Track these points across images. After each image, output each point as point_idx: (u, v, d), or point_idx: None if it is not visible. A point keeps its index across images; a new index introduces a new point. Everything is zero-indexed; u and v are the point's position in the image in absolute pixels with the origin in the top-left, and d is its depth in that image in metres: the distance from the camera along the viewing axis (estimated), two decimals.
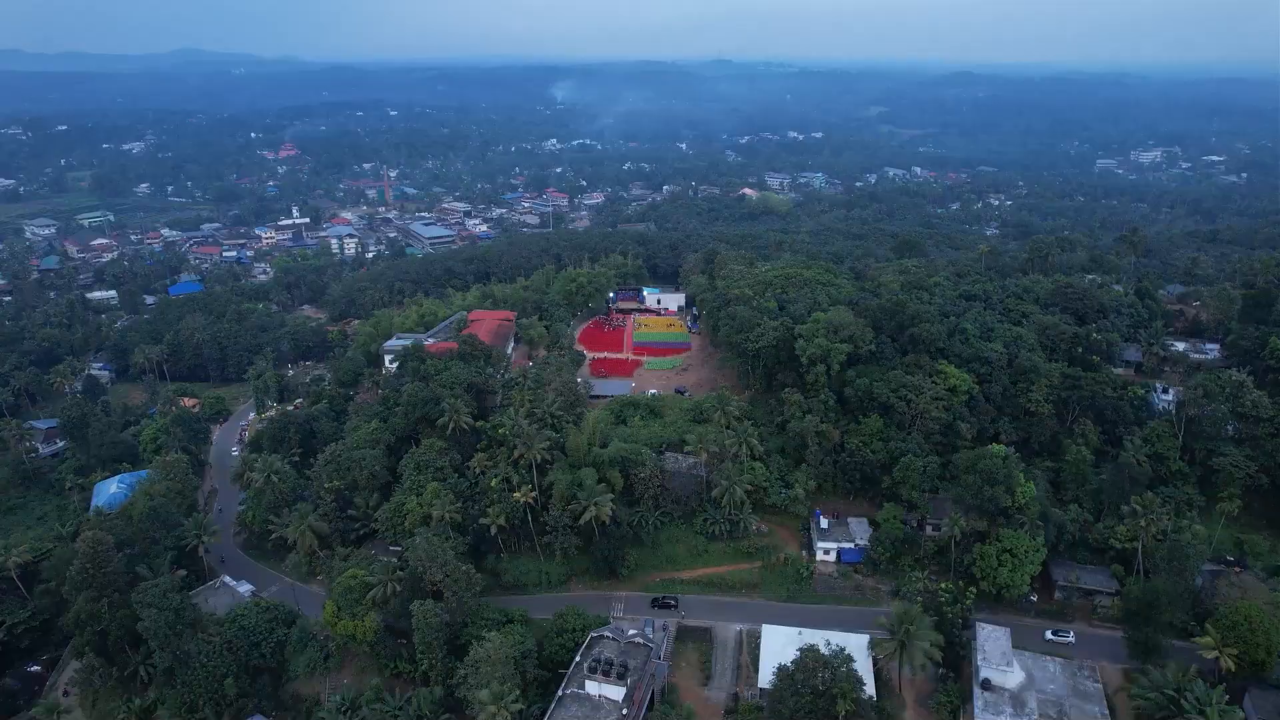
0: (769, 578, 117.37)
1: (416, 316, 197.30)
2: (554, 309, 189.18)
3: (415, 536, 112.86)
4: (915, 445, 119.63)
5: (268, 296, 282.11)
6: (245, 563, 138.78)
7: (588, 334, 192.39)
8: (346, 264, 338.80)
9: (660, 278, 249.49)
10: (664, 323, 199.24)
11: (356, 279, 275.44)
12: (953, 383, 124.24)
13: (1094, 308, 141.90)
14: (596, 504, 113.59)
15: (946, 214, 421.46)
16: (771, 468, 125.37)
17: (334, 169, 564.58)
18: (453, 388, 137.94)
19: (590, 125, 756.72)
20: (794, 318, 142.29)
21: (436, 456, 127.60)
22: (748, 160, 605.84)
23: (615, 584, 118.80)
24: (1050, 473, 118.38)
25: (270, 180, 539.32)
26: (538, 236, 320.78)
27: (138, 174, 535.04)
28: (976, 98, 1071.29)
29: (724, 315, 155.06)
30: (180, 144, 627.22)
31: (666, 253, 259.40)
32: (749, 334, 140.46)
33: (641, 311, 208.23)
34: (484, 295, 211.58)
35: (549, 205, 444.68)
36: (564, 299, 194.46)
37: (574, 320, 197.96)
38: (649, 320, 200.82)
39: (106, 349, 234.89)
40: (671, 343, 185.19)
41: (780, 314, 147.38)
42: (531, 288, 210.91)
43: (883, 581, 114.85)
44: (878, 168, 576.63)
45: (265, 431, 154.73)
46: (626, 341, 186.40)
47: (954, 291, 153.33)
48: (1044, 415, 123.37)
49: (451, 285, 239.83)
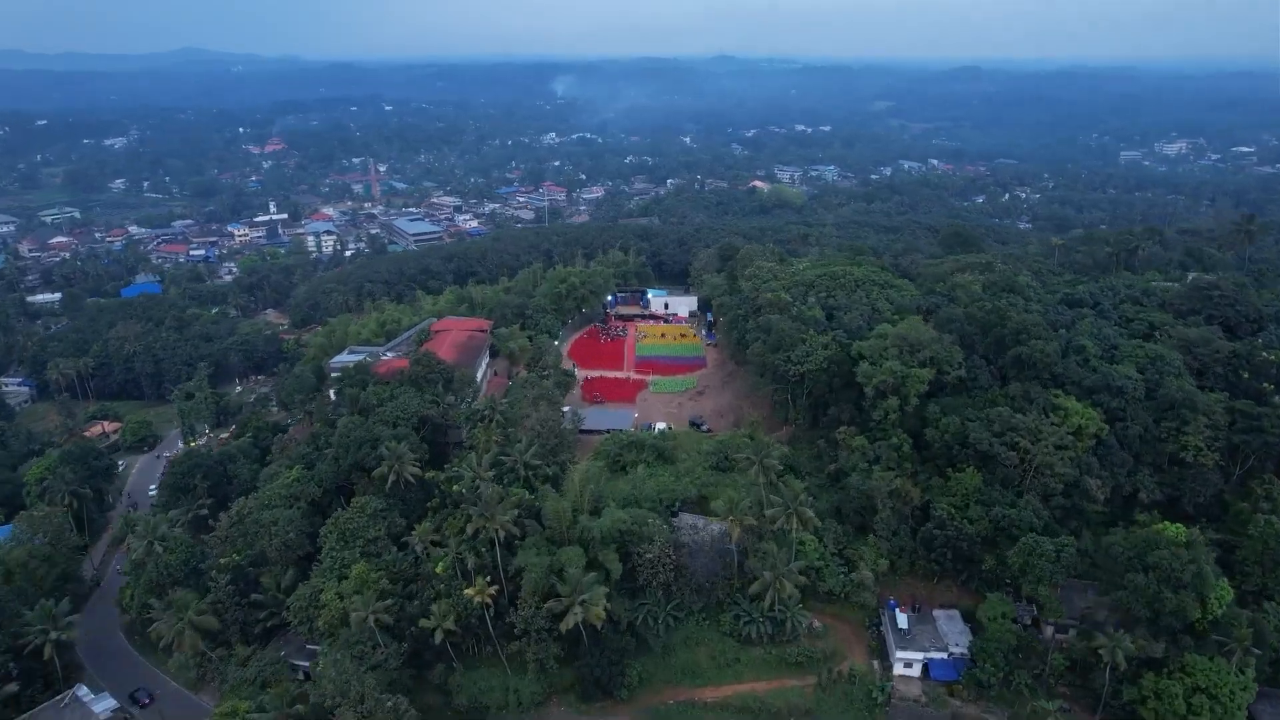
0: (826, 701, 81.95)
1: (376, 325, 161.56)
2: (539, 316, 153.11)
3: (322, 656, 77.43)
4: (1030, 512, 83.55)
5: (225, 300, 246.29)
6: (128, 656, 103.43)
7: (580, 346, 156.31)
8: (323, 263, 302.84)
9: (667, 278, 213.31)
10: (673, 332, 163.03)
11: (323, 280, 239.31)
12: (1077, 422, 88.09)
13: (1249, 316, 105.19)
14: (584, 603, 77.87)
15: (972, 207, 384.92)
16: (825, 539, 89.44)
17: (321, 164, 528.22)
18: (397, 424, 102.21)
19: (591, 119, 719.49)
20: (849, 331, 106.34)
21: (369, 523, 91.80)
22: (754, 154, 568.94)
23: (612, 706, 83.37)
24: (1217, 547, 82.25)
25: (253, 175, 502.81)
26: (528, 231, 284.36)
27: (114, 169, 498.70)
28: (984, 92, 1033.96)
29: (753, 327, 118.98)
30: (165, 139, 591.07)
31: (674, 249, 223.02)
32: (790, 353, 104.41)
33: (646, 318, 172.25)
34: (459, 299, 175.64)
35: (545, 199, 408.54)
36: (552, 303, 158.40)
37: (564, 329, 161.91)
38: (655, 329, 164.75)
39: (26, 361, 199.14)
40: (683, 358, 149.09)
41: (828, 325, 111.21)
42: (515, 290, 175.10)
43: (993, 710, 79.09)
44: (891, 160, 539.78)
45: (165, 478, 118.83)
46: (627, 356, 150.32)
47: (1051, 296, 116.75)
48: (1204, 467, 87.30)
49: (426, 287, 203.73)
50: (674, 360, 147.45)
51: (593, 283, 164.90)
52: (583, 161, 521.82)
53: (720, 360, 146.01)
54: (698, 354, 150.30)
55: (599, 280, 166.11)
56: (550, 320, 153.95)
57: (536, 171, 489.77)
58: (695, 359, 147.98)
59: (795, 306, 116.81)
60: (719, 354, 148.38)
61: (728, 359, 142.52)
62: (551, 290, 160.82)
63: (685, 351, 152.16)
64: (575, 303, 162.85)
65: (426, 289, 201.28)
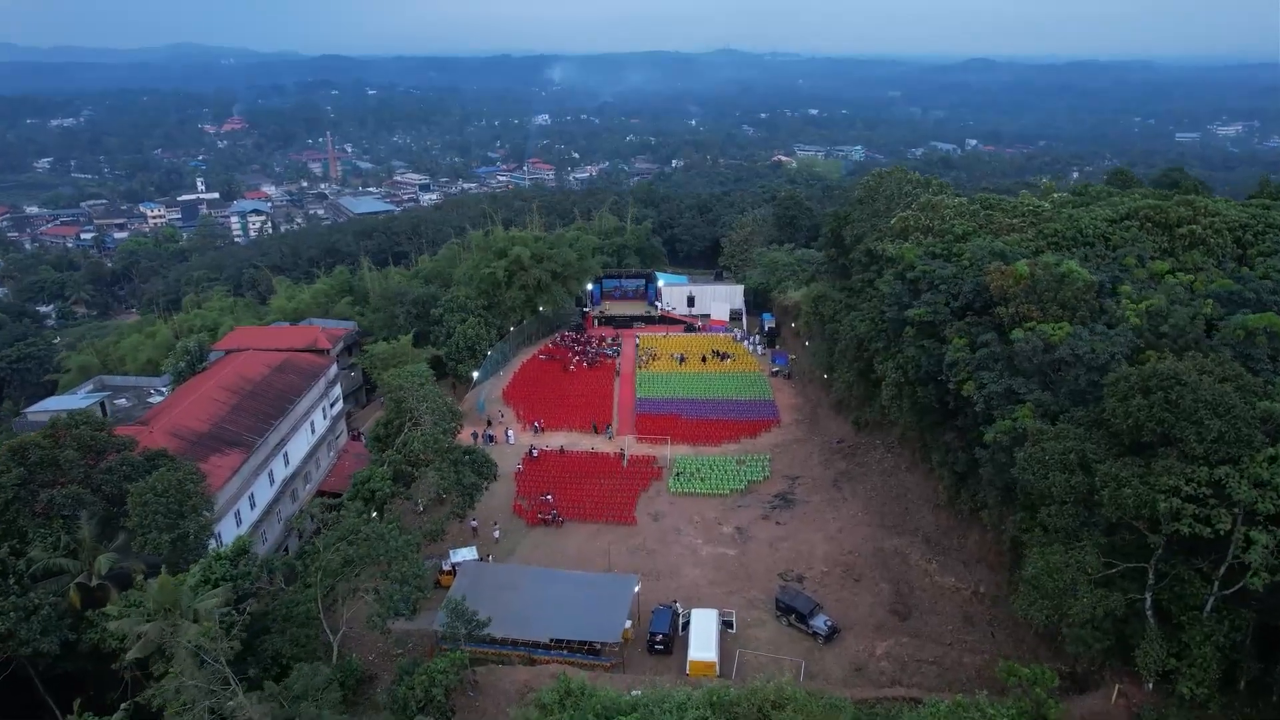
0: None
1: (166, 337, 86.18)
2: (455, 316, 78.12)
3: None
4: None
5: (63, 295, 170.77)
6: None
7: (530, 378, 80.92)
8: (242, 247, 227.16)
9: (684, 260, 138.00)
10: (700, 348, 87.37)
11: (189, 269, 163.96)
12: None
13: None
14: None
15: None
16: None
17: (281, 143, 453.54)
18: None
19: (589, 103, 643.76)
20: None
21: None
22: (769, 134, 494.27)
23: None
24: None
25: (200, 155, 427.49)
26: (483, 197, 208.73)
27: (41, 148, 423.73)
28: (1001, 82, 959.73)
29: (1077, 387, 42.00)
30: (116, 121, 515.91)
31: (692, 217, 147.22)
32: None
33: (654, 322, 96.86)
34: (341, 288, 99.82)
35: (528, 179, 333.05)
36: (482, 293, 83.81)
37: (508, 342, 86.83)
38: (670, 343, 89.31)
39: None
40: (736, 407, 73.57)
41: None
42: (432, 273, 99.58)
43: None
44: (922, 142, 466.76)
45: None
46: (619, 402, 75.04)
47: None
48: None
49: (318, 269, 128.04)
50: (717, 411, 71.98)
51: (560, 257, 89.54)
52: (577, 140, 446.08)
53: (807, 411, 70.74)
54: (762, 397, 74.70)
55: (568, 256, 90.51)
56: (478, 326, 78.65)
57: (522, 149, 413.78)
58: (759, 408, 72.47)
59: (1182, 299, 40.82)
60: (797, 393, 73.15)
61: (817, 403, 67.36)
62: (478, 272, 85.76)
63: (739, 391, 76.48)
64: (526, 294, 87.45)
65: (316, 272, 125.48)
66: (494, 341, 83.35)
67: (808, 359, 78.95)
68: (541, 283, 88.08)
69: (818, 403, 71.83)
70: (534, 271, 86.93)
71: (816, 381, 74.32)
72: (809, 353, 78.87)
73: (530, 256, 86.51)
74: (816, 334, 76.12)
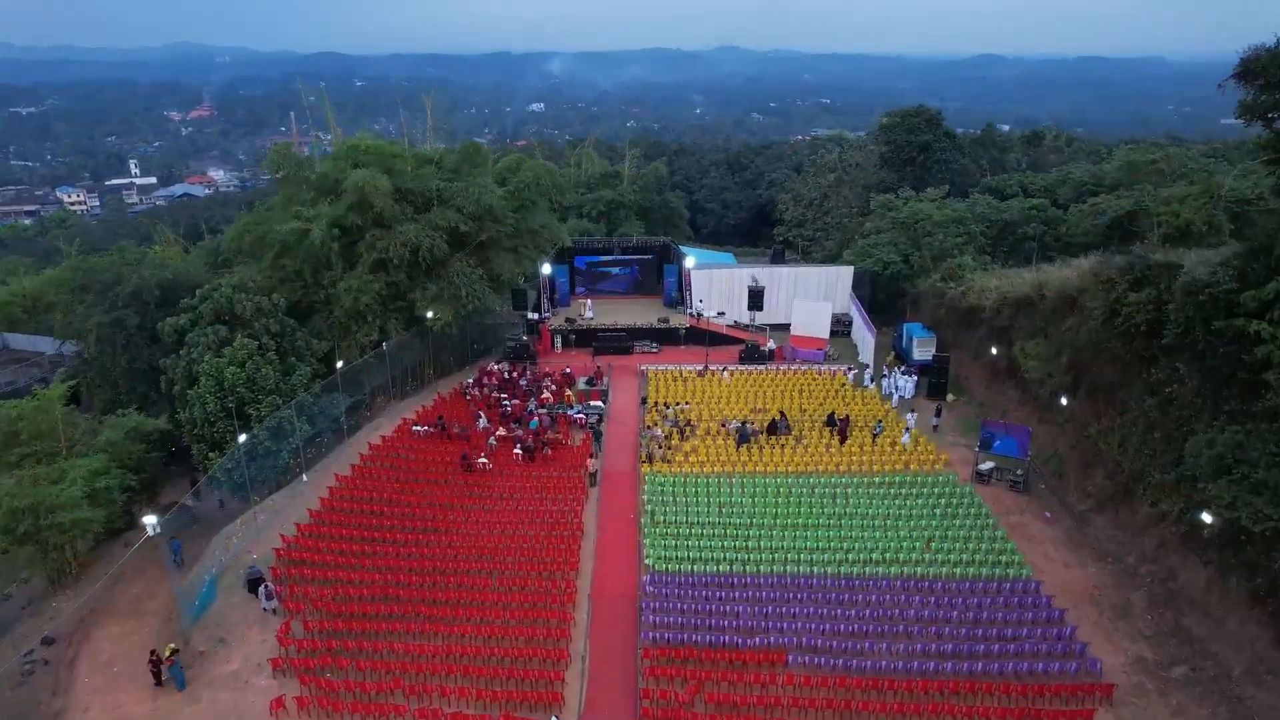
0: None
1: None
2: (206, 337, 28.51)
3: None
4: None
5: None
6: None
7: (373, 489, 31.90)
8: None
9: (709, 239, 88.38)
10: (796, 393, 37.71)
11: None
12: None
13: None
14: None
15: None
16: None
17: (250, 129, 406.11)
18: None
19: (588, 93, 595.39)
20: None
21: None
22: (781, 121, 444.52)
23: None
24: None
25: (157, 141, 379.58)
26: None
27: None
28: (1012, 76, 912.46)
29: None
30: (79, 108, 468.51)
31: (720, 177, 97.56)
32: None
33: (674, 339, 47.09)
34: (89, 274, 49.28)
35: None
36: (285, 280, 34.69)
37: (351, 386, 36.79)
38: (717, 392, 40.04)
39: None
40: (968, 640, 24.52)
41: None
42: (240, 245, 48.57)
43: None
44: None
45: None
46: (592, 591, 27.54)
47: None
48: None
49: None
50: (904, 648, 22.09)
51: (473, 197, 39.34)
52: (571, 125, 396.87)
53: (1162, 619, 20.20)
54: (1014, 575, 24.65)
55: (486, 196, 40.14)
56: (246, 360, 29.12)
57: (507, 132, 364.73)
58: (1027, 635, 22.45)
59: None
60: (1080, 543, 22.62)
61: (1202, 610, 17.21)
62: (272, 234, 36.88)
63: (948, 555, 26.71)
64: (389, 282, 37.41)
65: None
66: (298, 394, 34.11)
67: (1070, 439, 29.51)
68: (435, 252, 38.28)
69: (1169, 581, 22.32)
70: (409, 231, 37.03)
71: (1137, 506, 24.75)
72: (1079, 419, 29.25)
73: (399, 192, 37.02)
74: (1133, 377, 26.55)
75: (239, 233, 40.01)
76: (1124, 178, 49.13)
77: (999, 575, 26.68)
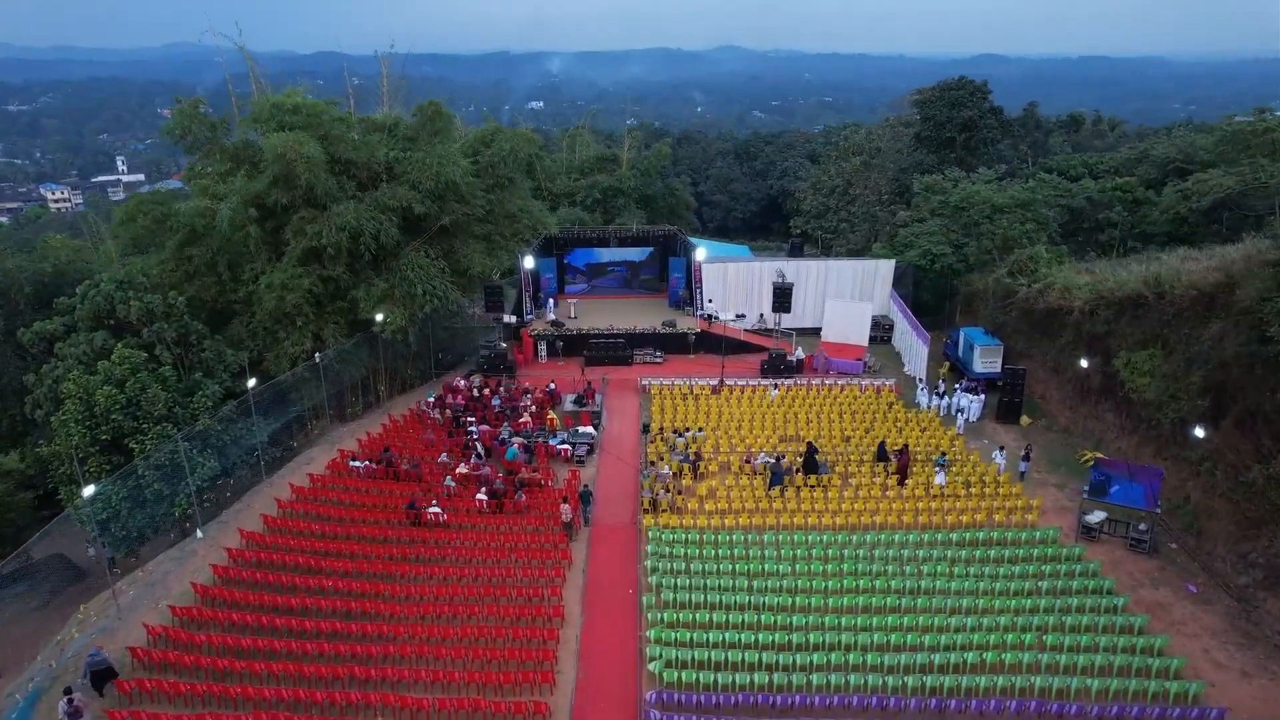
0: None
1: None
2: (77, 347, 21.27)
3: None
4: None
5: None
6: None
7: (292, 550, 23.47)
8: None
9: (716, 235, 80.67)
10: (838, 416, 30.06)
11: None
12: None
13: None
14: None
15: None
16: None
17: None
18: None
19: (588, 91, 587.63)
20: None
21: None
22: (784, 118, 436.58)
23: None
24: None
25: (148, 139, 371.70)
26: None
27: None
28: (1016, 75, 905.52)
29: None
30: (72, 107, 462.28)
31: (727, 166, 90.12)
32: None
33: (681, 347, 39.28)
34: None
35: None
36: (191, 275, 26.40)
37: (274, 408, 28.74)
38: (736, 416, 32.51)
39: None
40: None
41: None
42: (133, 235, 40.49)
43: None
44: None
45: None
46: (573, 711, 17.72)
47: None
48: None
49: None
50: None
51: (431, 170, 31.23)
52: (571, 122, 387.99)
53: None
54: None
55: (448, 170, 31.99)
56: (128, 377, 21.06)
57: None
58: None
59: None
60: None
61: None
62: (176, 219, 29.18)
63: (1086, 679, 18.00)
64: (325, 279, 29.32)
65: None
66: (200, 420, 26.07)
67: (1205, 484, 21.49)
68: (382, 239, 30.37)
69: None
70: (348, 211, 29.04)
71: None
72: (1227, 458, 21.18)
73: (338, 164, 29.35)
74: None
75: (129, 213, 32.19)
76: (1229, 151, 41.49)
77: (1154, 691, 18.75)
